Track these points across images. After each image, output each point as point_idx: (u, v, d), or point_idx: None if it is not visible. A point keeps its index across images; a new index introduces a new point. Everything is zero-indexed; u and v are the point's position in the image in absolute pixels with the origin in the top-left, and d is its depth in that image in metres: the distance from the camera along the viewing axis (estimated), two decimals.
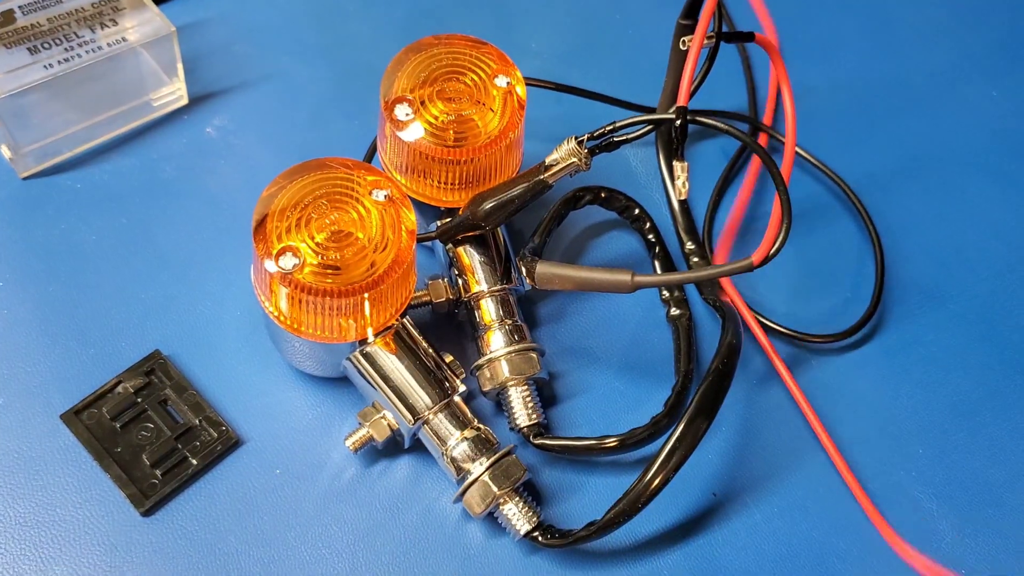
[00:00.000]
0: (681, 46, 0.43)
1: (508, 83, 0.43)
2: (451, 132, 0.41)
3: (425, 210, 0.44)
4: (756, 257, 0.37)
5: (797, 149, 0.43)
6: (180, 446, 0.40)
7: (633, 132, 0.42)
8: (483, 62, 0.43)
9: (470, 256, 0.43)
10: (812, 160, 0.52)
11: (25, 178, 0.48)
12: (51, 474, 0.39)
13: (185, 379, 0.42)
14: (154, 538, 0.38)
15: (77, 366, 0.42)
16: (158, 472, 0.39)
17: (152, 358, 0.42)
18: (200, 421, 0.41)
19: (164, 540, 0.38)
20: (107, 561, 0.37)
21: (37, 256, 0.45)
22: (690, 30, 0.44)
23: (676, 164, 0.41)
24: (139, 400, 0.41)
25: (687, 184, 0.40)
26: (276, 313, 0.38)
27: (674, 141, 0.40)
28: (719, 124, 0.40)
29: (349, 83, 0.53)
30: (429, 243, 0.44)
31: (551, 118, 0.52)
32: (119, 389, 0.41)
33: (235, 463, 0.40)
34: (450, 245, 0.43)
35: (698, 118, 0.40)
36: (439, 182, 0.42)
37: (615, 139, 0.41)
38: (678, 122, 0.40)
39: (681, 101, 0.40)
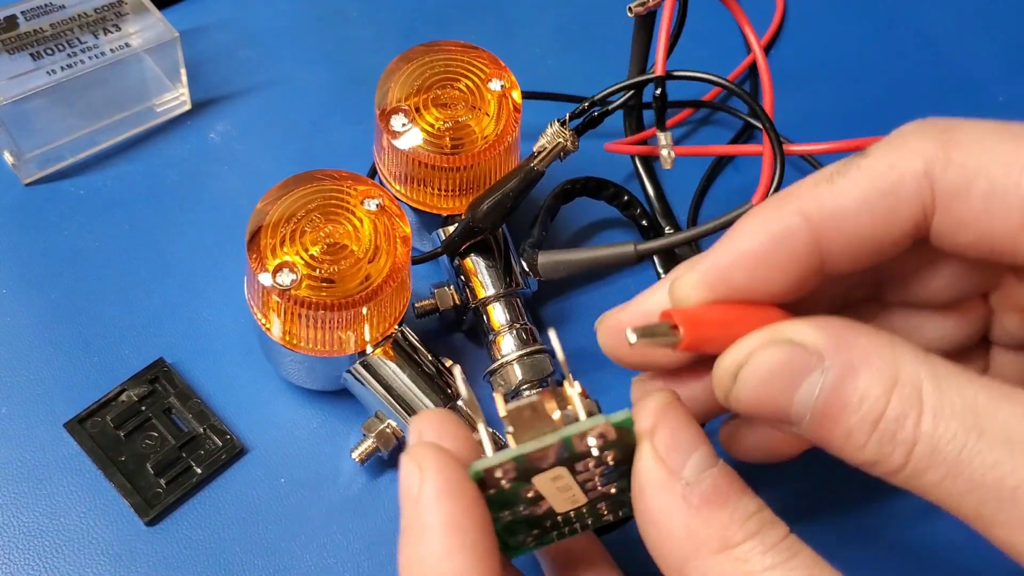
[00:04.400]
0: (628, 13, 0.43)
1: (502, 87, 0.43)
2: (448, 139, 0.41)
3: (427, 219, 0.44)
4: (756, 201, 0.37)
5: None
6: (184, 455, 0.40)
7: (615, 102, 0.42)
8: (476, 67, 0.43)
9: (475, 262, 0.43)
10: (811, 159, 0.52)
11: (28, 184, 0.47)
12: (55, 483, 0.39)
13: (189, 387, 0.41)
14: (158, 547, 0.38)
15: (80, 374, 0.42)
16: (162, 481, 0.39)
17: (156, 366, 0.42)
18: (204, 429, 0.40)
19: (168, 549, 0.38)
20: (111, 571, 0.37)
21: (40, 263, 0.45)
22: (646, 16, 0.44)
23: (660, 135, 0.41)
24: (143, 408, 0.41)
25: (672, 154, 0.40)
26: (270, 327, 0.38)
27: (655, 111, 0.41)
28: (701, 75, 0.41)
29: (352, 88, 0.53)
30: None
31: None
32: (123, 397, 0.41)
33: (240, 472, 0.40)
34: (456, 259, 0.43)
35: (676, 72, 0.40)
36: (438, 190, 0.42)
37: (596, 114, 0.41)
38: (658, 91, 0.40)
39: (658, 70, 0.40)
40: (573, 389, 0.26)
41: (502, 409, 0.26)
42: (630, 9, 0.42)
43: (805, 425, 0.25)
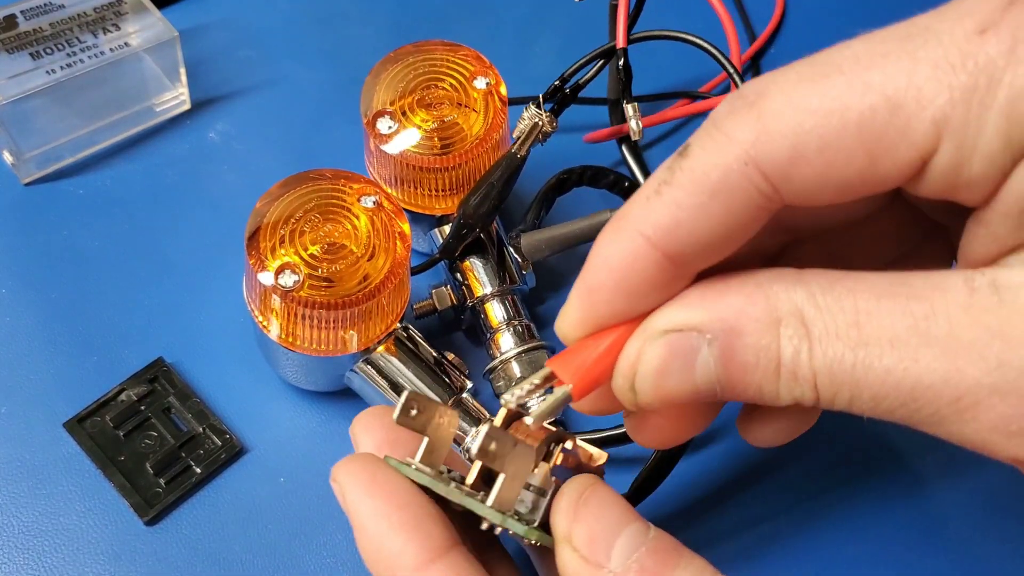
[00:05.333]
0: None
1: (488, 84, 0.42)
2: (436, 139, 0.41)
3: (421, 220, 0.44)
4: None
5: None
6: (184, 454, 0.40)
7: (586, 75, 0.42)
8: (460, 65, 0.43)
9: (471, 261, 0.43)
10: None
11: (27, 184, 0.47)
12: (54, 483, 0.39)
13: (188, 387, 0.41)
14: (158, 547, 0.38)
15: (80, 374, 0.42)
16: (162, 480, 0.39)
17: (155, 366, 0.42)
18: (204, 429, 0.40)
19: (168, 549, 0.38)
20: (111, 570, 0.37)
21: (40, 262, 0.45)
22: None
23: (627, 106, 0.41)
24: (142, 408, 0.41)
25: (640, 124, 0.41)
26: (269, 327, 0.38)
27: (621, 83, 0.41)
28: (660, 33, 0.41)
29: (352, 88, 0.52)
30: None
31: None
32: (122, 397, 0.41)
33: (239, 471, 0.40)
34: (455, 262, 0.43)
35: (636, 35, 0.41)
36: (430, 190, 0.42)
37: (567, 90, 0.41)
38: (621, 62, 0.40)
39: (620, 43, 0.41)
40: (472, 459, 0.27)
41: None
42: None
43: (721, 396, 0.25)
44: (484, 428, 0.26)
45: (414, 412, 0.28)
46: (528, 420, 0.26)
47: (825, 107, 0.23)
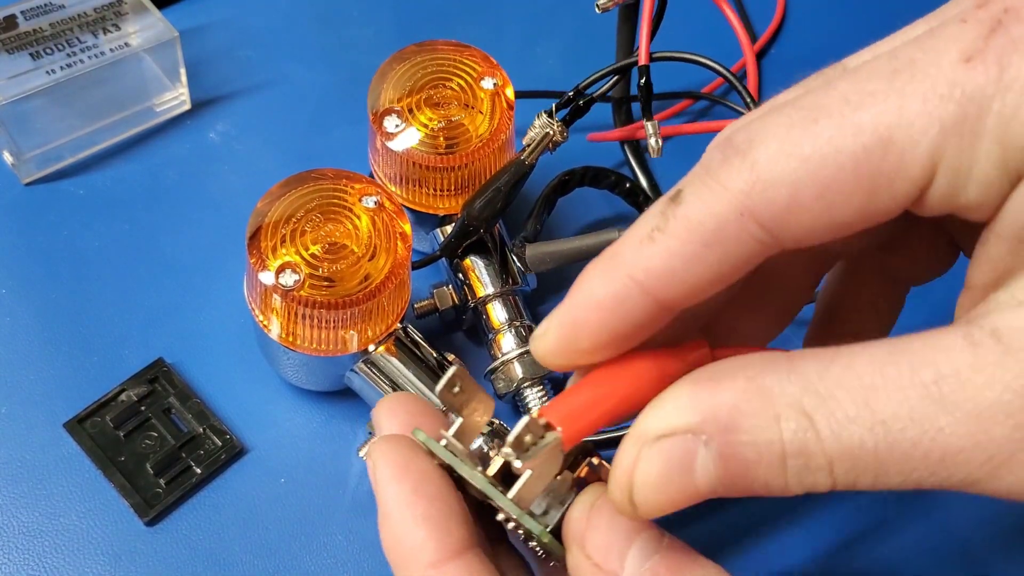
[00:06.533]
0: (597, 10, 0.43)
1: (495, 84, 0.42)
2: (442, 139, 0.41)
3: (424, 219, 0.43)
4: None
5: None
6: (184, 455, 0.40)
7: (600, 88, 0.42)
8: (468, 66, 0.43)
9: (473, 261, 0.43)
10: None
11: (27, 184, 0.47)
12: (54, 483, 0.39)
13: (189, 387, 0.41)
14: (158, 547, 0.38)
15: (80, 374, 0.42)
16: (162, 481, 0.39)
17: (156, 366, 0.42)
18: (204, 429, 0.40)
19: (168, 549, 0.38)
20: (111, 571, 0.37)
21: (40, 262, 0.45)
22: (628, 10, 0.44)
23: (647, 124, 0.41)
24: (143, 408, 0.41)
25: (660, 143, 0.41)
26: (270, 327, 0.38)
27: (641, 100, 0.41)
28: (680, 55, 0.41)
29: (352, 87, 0.53)
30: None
31: None
32: (123, 397, 0.41)
33: (239, 472, 0.40)
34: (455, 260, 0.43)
35: (657, 54, 0.41)
36: (434, 190, 0.42)
37: (581, 102, 0.41)
38: (642, 80, 0.40)
39: (641, 59, 0.41)
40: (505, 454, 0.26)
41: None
42: (598, 6, 0.43)
43: (725, 494, 0.24)
44: (524, 420, 0.25)
45: (456, 390, 0.28)
46: (516, 464, 0.26)
47: (819, 152, 0.23)
